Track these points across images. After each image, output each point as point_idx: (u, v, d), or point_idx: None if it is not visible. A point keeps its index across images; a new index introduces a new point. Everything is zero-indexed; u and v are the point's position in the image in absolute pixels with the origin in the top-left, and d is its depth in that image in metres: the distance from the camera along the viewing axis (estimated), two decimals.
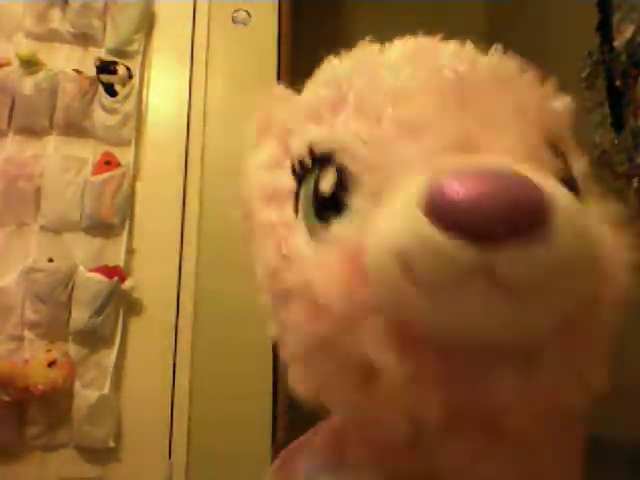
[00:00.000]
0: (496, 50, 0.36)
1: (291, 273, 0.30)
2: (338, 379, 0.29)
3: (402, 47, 0.34)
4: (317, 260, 0.28)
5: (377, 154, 0.28)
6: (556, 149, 0.31)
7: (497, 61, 0.35)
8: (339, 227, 0.28)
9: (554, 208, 0.22)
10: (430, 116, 0.28)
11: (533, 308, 0.23)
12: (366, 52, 0.35)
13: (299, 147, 0.32)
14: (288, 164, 0.33)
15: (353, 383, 0.28)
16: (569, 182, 0.30)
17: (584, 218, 0.25)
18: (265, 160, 0.36)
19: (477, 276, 0.22)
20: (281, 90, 0.40)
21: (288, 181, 0.33)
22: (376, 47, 0.35)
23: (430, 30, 0.38)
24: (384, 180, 0.27)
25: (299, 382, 0.32)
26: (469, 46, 0.35)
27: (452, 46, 0.34)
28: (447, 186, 0.23)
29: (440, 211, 0.22)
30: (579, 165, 0.33)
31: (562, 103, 0.35)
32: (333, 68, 0.36)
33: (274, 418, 1.59)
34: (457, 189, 0.22)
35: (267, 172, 0.35)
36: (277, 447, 1.60)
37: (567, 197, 0.24)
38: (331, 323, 0.27)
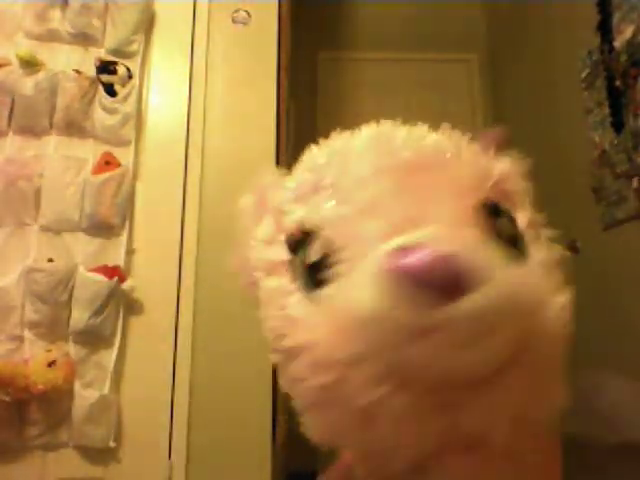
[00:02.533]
0: (444, 129, 0.42)
1: (291, 335, 0.36)
2: (343, 423, 0.34)
3: (365, 135, 0.42)
4: (312, 322, 0.35)
5: (347, 232, 0.35)
6: (497, 209, 0.38)
7: (440, 142, 0.41)
8: (327, 293, 0.35)
9: (478, 272, 0.28)
10: (383, 199, 0.36)
11: (479, 345, 0.29)
12: (338, 141, 0.43)
13: (290, 225, 0.39)
14: (282, 239, 0.40)
15: (356, 426, 0.33)
16: (511, 236, 0.37)
17: (506, 272, 0.31)
18: (263, 236, 0.42)
19: (427, 333, 0.28)
20: (274, 176, 0.47)
21: (283, 254, 0.39)
22: (345, 136, 0.43)
23: (430, 30, 0.38)
24: (354, 253, 0.34)
25: (313, 430, 0.37)
26: (420, 129, 0.42)
27: (404, 132, 0.41)
28: (399, 259, 0.29)
29: (399, 276, 0.29)
30: (524, 217, 0.39)
31: (504, 165, 0.41)
32: (313, 156, 0.43)
33: (274, 418, 1.59)
34: (414, 258, 0.29)
35: (266, 247, 0.41)
36: (277, 447, 1.60)
37: (491, 257, 0.30)
38: (332, 376, 0.33)
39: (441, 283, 0.28)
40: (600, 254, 1.94)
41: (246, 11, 1.86)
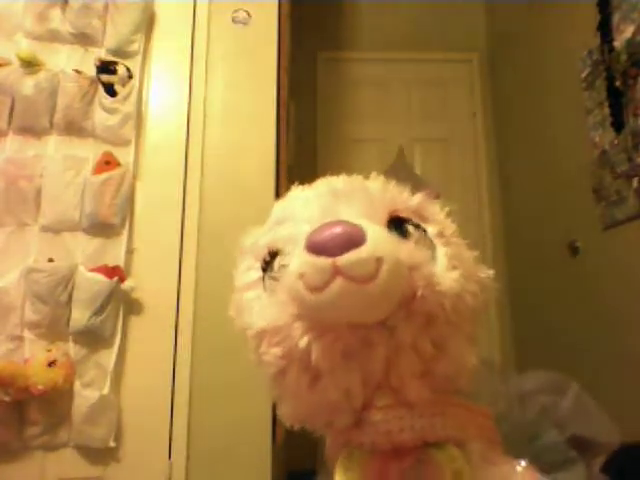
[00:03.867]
0: (374, 179, 0.55)
1: (258, 322, 0.49)
2: (298, 389, 0.45)
3: (315, 185, 0.56)
4: (270, 305, 0.48)
5: (292, 235, 0.49)
6: (406, 220, 0.50)
7: (365, 181, 0.55)
8: (280, 280, 0.48)
9: (369, 234, 0.41)
10: (316, 213, 0.49)
11: (369, 289, 0.40)
12: (292, 194, 0.56)
13: (262, 250, 0.52)
14: (257, 265, 0.53)
15: (306, 386, 0.45)
16: (418, 235, 0.49)
17: (391, 241, 0.44)
18: (243, 268, 0.55)
19: (335, 275, 0.39)
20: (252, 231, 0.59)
21: (257, 274, 0.52)
22: (299, 190, 0.56)
23: (429, 30, 0.38)
24: (295, 245, 0.46)
25: (281, 410, 0.50)
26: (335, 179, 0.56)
27: (326, 179, 0.56)
28: (314, 233, 0.42)
29: (310, 246, 0.41)
30: (434, 228, 0.51)
31: (420, 198, 0.53)
32: (277, 207, 0.56)
33: (274, 418, 1.59)
34: (319, 234, 0.41)
35: (245, 275, 0.54)
36: (277, 447, 1.60)
37: (378, 230, 0.43)
38: (281, 340, 0.45)
39: (336, 241, 0.40)
40: (600, 254, 1.94)
41: (246, 11, 1.86)
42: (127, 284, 1.56)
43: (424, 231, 0.51)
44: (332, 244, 0.40)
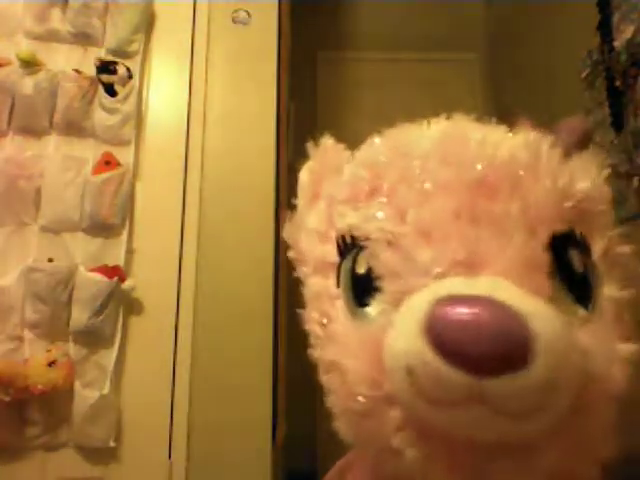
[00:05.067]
0: (525, 131, 0.38)
1: (329, 348, 0.34)
2: (371, 445, 0.34)
3: (434, 135, 0.38)
4: (349, 346, 0.32)
5: (397, 257, 0.32)
6: (570, 238, 0.33)
7: (517, 151, 0.35)
8: (367, 322, 0.32)
9: (536, 341, 0.25)
10: (445, 223, 0.32)
11: (521, 423, 0.27)
12: (403, 136, 0.39)
13: (341, 227, 0.36)
14: (333, 237, 0.37)
15: (382, 455, 0.32)
16: (581, 273, 0.33)
17: (566, 339, 0.27)
18: (315, 227, 0.39)
19: (470, 398, 0.26)
20: (334, 153, 0.43)
21: (333, 255, 0.37)
22: (413, 130, 0.39)
23: (429, 30, 0.38)
24: (402, 283, 0.31)
25: (345, 435, 0.36)
26: (497, 131, 0.38)
27: (478, 136, 0.36)
28: (446, 314, 0.26)
29: (437, 338, 0.26)
30: (600, 245, 0.35)
31: (587, 183, 0.36)
32: (374, 150, 0.39)
33: (274, 418, 1.59)
34: (455, 319, 0.26)
35: (317, 242, 0.38)
36: (277, 447, 1.60)
37: (551, 321, 0.27)
38: (359, 406, 0.32)
39: (485, 353, 0.25)
40: None
41: (246, 11, 1.86)
42: (127, 284, 1.56)
43: (588, 252, 0.34)
44: (479, 353, 0.25)
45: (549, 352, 0.25)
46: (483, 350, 0.25)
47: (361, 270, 0.34)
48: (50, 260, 1.53)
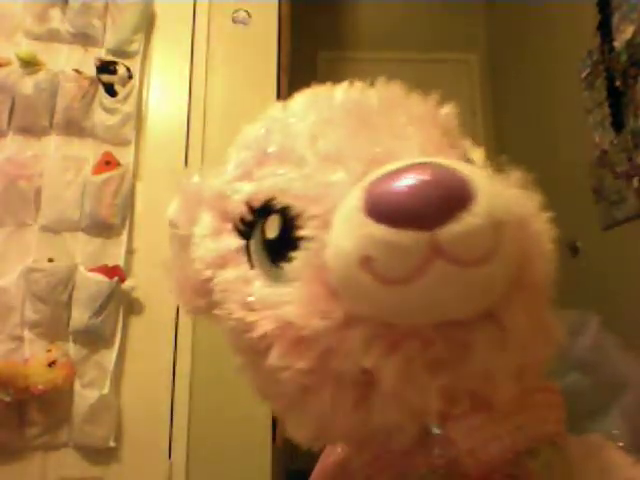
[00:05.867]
0: (381, 82, 0.40)
1: (263, 321, 0.32)
2: (335, 409, 0.31)
3: (301, 98, 0.39)
4: (282, 301, 0.31)
5: (312, 187, 0.31)
6: (454, 144, 0.36)
7: (384, 88, 0.40)
8: (297, 260, 0.31)
9: (475, 183, 0.26)
10: (345, 144, 0.32)
11: (486, 271, 0.26)
12: (272, 112, 0.40)
13: (237, 207, 0.35)
14: (230, 227, 0.36)
15: (350, 405, 0.30)
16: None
17: (498, 186, 0.29)
18: (205, 231, 0.38)
19: (433, 258, 0.25)
20: (196, 173, 0.44)
21: (235, 242, 0.36)
22: (278, 106, 0.40)
23: (429, 30, 0.38)
24: (326, 207, 0.30)
25: (297, 429, 0.34)
26: (357, 84, 0.40)
27: (343, 85, 0.39)
28: (382, 187, 0.26)
29: (383, 210, 0.26)
30: (476, 154, 0.38)
31: (447, 109, 0.40)
32: (248, 132, 0.40)
33: (274, 418, 1.59)
34: (392, 187, 0.26)
35: (212, 241, 0.37)
36: (277, 447, 1.60)
37: (480, 173, 0.29)
38: (317, 350, 0.29)
39: (431, 204, 0.25)
40: (600, 254, 1.94)
41: (246, 11, 1.86)
42: (127, 284, 1.56)
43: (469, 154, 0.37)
44: (424, 205, 0.25)
45: (486, 190, 0.27)
46: (429, 201, 0.25)
47: (272, 235, 0.33)
48: (50, 260, 1.53)
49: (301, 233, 0.31)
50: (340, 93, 0.39)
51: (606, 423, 0.45)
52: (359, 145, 0.32)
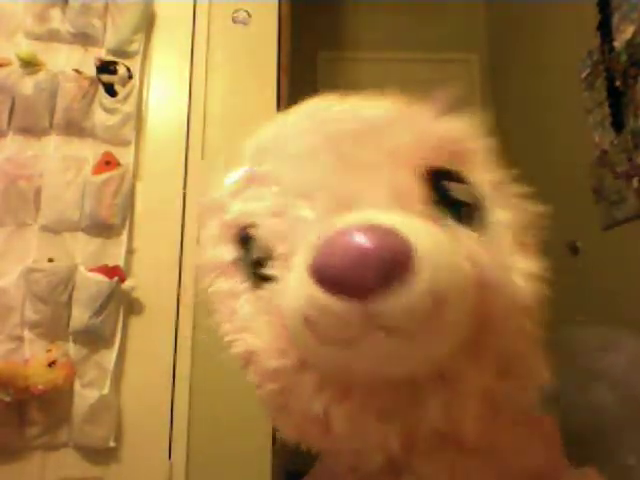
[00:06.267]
0: (376, 98, 0.39)
1: (238, 342, 0.35)
2: (304, 426, 0.33)
3: (299, 112, 0.39)
4: (257, 326, 0.33)
5: (281, 222, 0.32)
6: (447, 173, 0.34)
7: (377, 110, 0.38)
8: (267, 293, 0.32)
9: (419, 251, 0.25)
10: (319, 179, 0.32)
11: (424, 341, 0.26)
12: (271, 127, 0.40)
13: (230, 222, 0.37)
14: (229, 237, 0.37)
15: (316, 433, 0.32)
16: (469, 202, 0.34)
17: (448, 250, 0.28)
18: (209, 237, 0.39)
19: (368, 327, 0.25)
20: (218, 174, 0.44)
21: (229, 253, 0.37)
22: (281, 117, 0.40)
23: (429, 30, 0.38)
24: (291, 246, 0.31)
25: (282, 430, 0.36)
26: (360, 100, 0.39)
27: (340, 105, 0.38)
28: (326, 250, 0.26)
29: (323, 275, 0.26)
30: (483, 178, 0.36)
31: (450, 125, 0.38)
32: (253, 143, 0.41)
33: None
34: (333, 251, 0.26)
35: (212, 248, 0.39)
36: (277, 447, 1.60)
37: (429, 233, 0.27)
38: (278, 384, 0.31)
39: (365, 275, 0.25)
40: (600, 254, 1.94)
41: (246, 11, 1.86)
42: (127, 284, 1.56)
43: (471, 185, 0.36)
44: (359, 275, 0.25)
45: (429, 261, 0.25)
46: (362, 272, 0.25)
47: (257, 255, 0.34)
48: (50, 260, 1.53)
49: (269, 271, 0.32)
50: (334, 112, 0.38)
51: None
52: (331, 182, 0.32)
